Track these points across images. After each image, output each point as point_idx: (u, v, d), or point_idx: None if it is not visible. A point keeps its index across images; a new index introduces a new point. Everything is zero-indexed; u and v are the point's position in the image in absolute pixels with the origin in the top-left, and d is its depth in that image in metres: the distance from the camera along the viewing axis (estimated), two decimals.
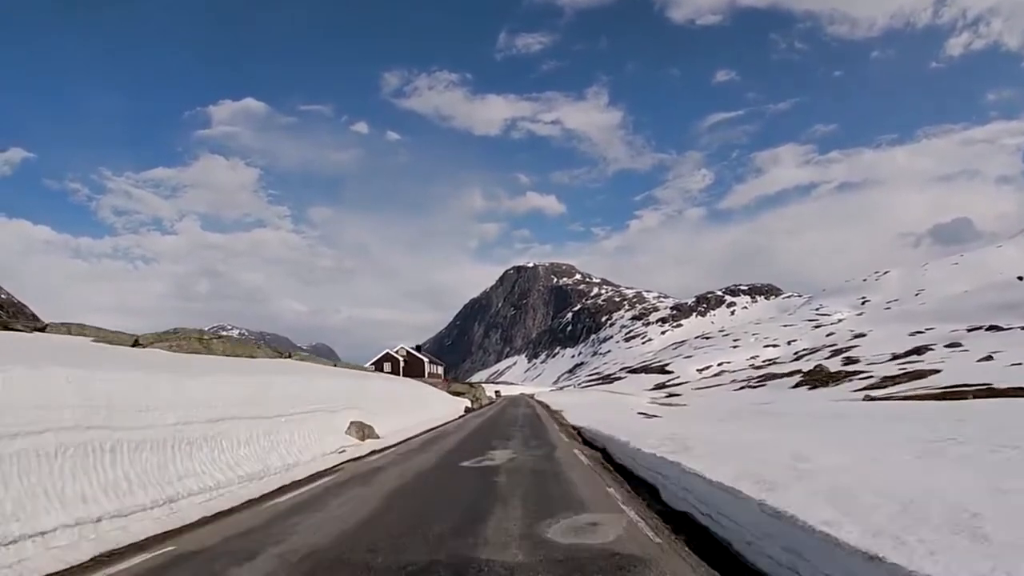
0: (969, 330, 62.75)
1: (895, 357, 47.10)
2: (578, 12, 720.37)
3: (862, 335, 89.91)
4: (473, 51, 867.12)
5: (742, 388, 47.34)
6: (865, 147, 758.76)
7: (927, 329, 75.16)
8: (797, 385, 38.63)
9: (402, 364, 58.24)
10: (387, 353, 60.87)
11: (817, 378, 36.98)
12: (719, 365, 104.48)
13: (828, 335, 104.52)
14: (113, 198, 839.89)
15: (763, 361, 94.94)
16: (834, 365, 54.97)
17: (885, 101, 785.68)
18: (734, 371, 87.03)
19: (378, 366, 55.29)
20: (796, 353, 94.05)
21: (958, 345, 49.68)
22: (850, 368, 42.20)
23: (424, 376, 53.27)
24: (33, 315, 33.74)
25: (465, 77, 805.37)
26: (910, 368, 32.77)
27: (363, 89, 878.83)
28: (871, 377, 33.13)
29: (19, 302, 40.41)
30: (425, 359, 61.45)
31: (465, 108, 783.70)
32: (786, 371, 52.30)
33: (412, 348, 65.14)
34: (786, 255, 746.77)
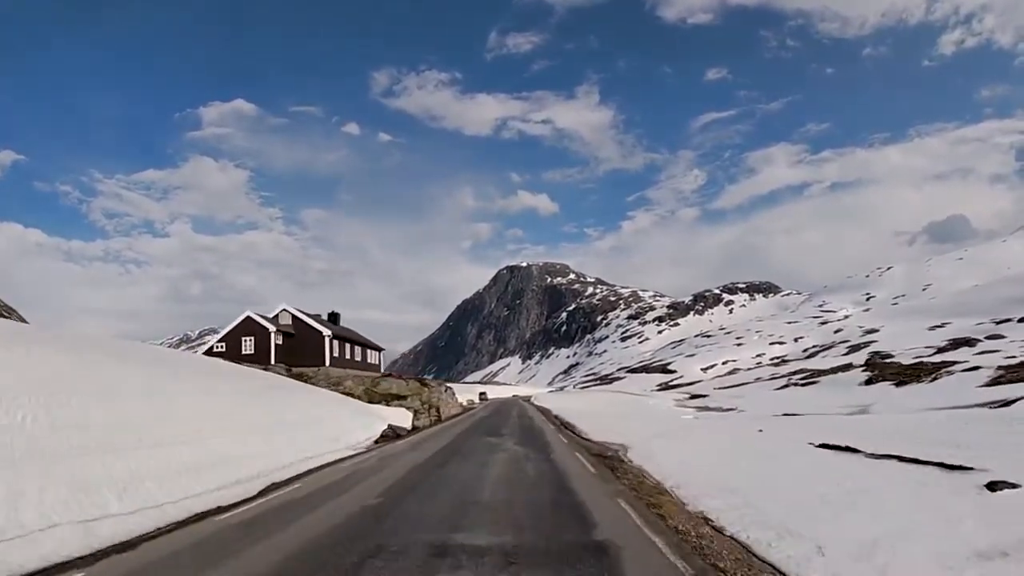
0: (997, 323, 59.59)
1: (939, 351, 43.25)
2: (569, 11, 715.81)
3: (874, 331, 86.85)
4: (463, 50, 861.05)
5: (785, 387, 42.00)
6: (858, 146, 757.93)
7: (945, 323, 72.36)
8: (868, 382, 32.99)
9: (276, 340, 33.49)
10: (247, 319, 33.95)
11: (897, 372, 31.73)
12: (724, 363, 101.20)
13: (836, 331, 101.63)
14: (104, 200, 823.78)
15: (771, 359, 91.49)
16: (858, 360, 51.14)
17: (877, 99, 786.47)
18: (747, 369, 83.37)
19: (230, 343, 33.15)
20: (805, 350, 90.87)
21: (1001, 336, 46.12)
22: (935, 360, 35.97)
23: (325, 363, 33.54)
24: (20, 319, 28.90)
25: (455, 76, 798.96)
26: None
27: (353, 89, 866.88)
28: (976, 368, 27.39)
29: (4, 304, 35.30)
30: (328, 333, 35.01)
31: (456, 108, 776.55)
32: (831, 367, 47.52)
33: (309, 314, 36.79)
34: (781, 254, 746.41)
